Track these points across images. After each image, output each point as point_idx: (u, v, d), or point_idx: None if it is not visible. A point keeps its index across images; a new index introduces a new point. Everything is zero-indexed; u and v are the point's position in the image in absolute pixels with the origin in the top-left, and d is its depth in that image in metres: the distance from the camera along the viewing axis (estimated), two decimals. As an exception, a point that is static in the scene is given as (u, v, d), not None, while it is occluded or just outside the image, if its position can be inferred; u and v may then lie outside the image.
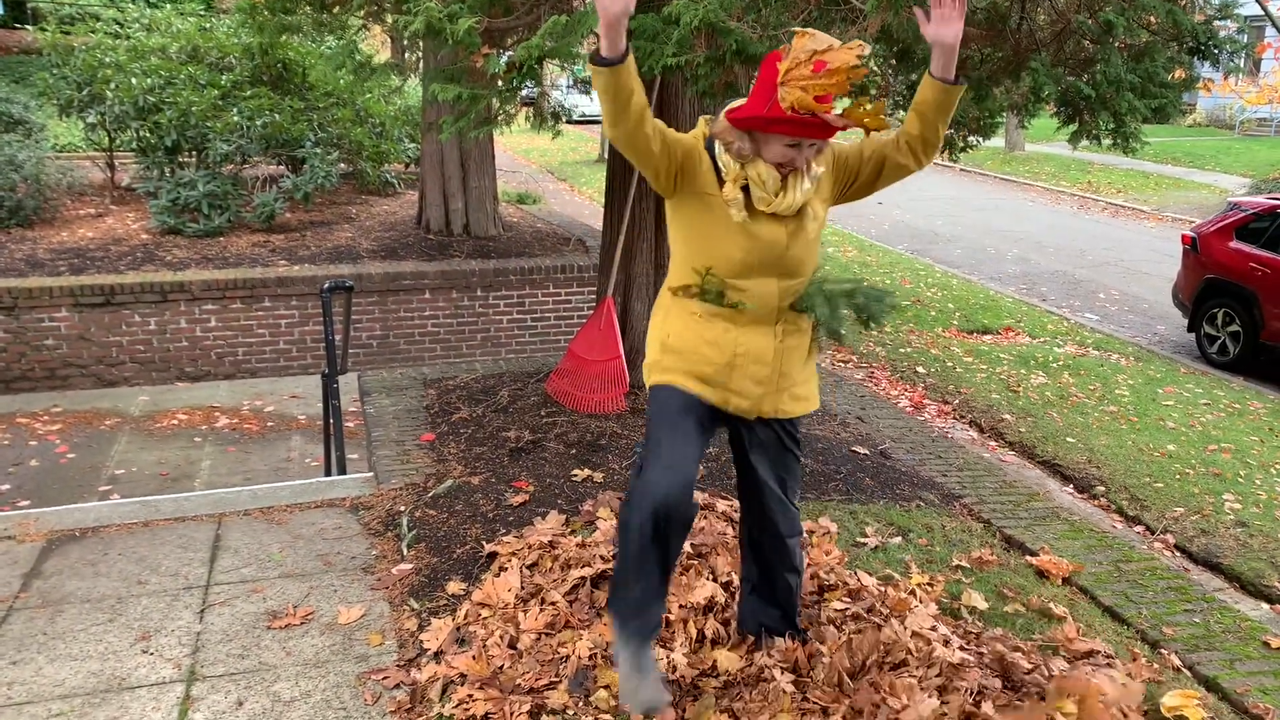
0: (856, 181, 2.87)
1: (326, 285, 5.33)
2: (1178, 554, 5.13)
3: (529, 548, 4.00)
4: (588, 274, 9.23)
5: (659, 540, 2.74)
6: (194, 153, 10.53)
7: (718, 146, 2.71)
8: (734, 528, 4.00)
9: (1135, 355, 9.19)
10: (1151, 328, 10.69)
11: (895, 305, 2.87)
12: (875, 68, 5.25)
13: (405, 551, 4.21)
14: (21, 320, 7.56)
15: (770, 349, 2.83)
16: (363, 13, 4.24)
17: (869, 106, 2.56)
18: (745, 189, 2.70)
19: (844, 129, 2.58)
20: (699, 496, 4.24)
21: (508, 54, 4.41)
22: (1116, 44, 4.58)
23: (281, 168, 11.54)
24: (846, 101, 2.80)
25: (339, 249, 9.61)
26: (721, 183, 2.72)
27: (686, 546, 3.72)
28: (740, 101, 2.68)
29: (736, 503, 3.54)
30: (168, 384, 7.74)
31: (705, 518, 4.17)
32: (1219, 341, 9.36)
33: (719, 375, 2.83)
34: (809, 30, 2.50)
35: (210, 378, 7.98)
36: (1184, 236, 10.05)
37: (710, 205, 2.73)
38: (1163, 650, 3.57)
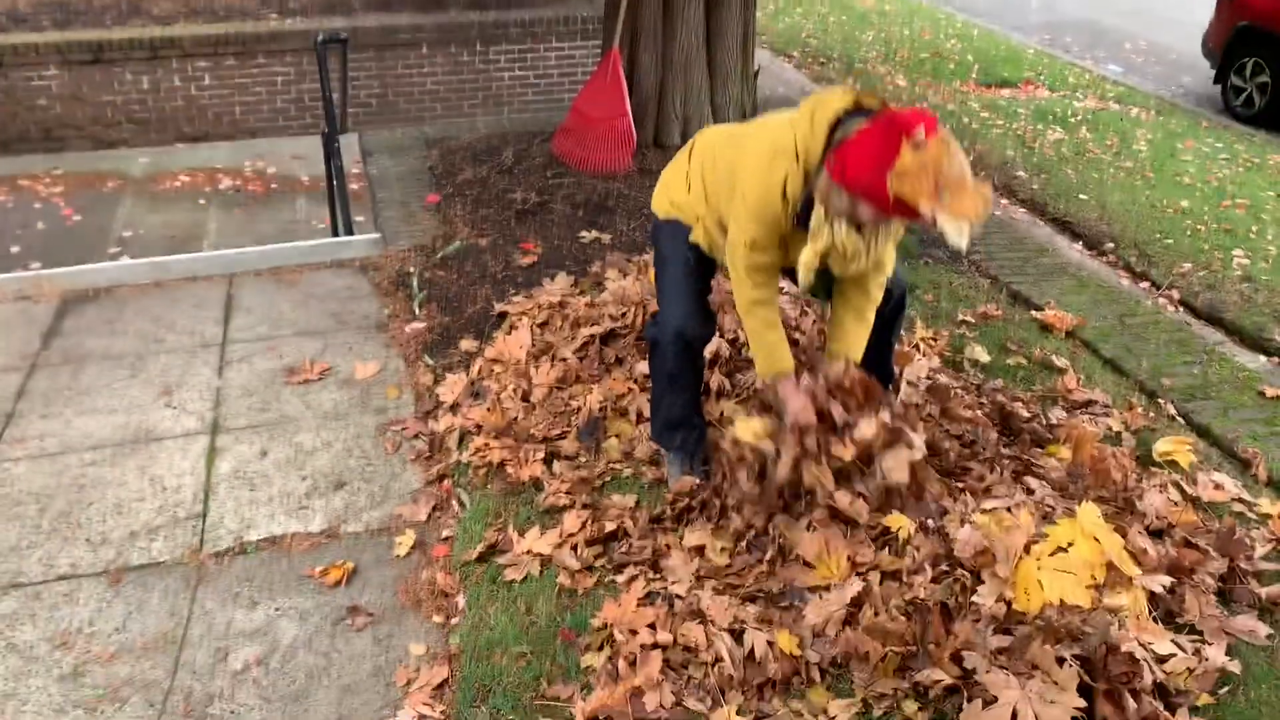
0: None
1: (320, 38, 5.11)
2: (1182, 309, 5.17)
3: (539, 307, 4.04)
4: (592, 25, 8.82)
5: (687, 356, 2.96)
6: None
7: (815, 215, 2.48)
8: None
9: (1157, 108, 8.92)
10: (1177, 79, 10.31)
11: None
12: None
13: (417, 310, 4.27)
14: (10, 78, 7.33)
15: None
16: None
17: None
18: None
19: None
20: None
21: None
22: None
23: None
24: None
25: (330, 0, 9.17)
26: (793, 219, 2.58)
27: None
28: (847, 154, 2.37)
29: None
30: (166, 145, 7.58)
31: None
32: (1245, 93, 9.04)
33: None
34: (951, 141, 2.24)
35: (209, 139, 7.80)
36: (1220, -19, 9.51)
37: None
38: (1160, 400, 3.66)
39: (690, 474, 3.06)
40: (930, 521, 2.69)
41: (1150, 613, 2.51)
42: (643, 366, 3.55)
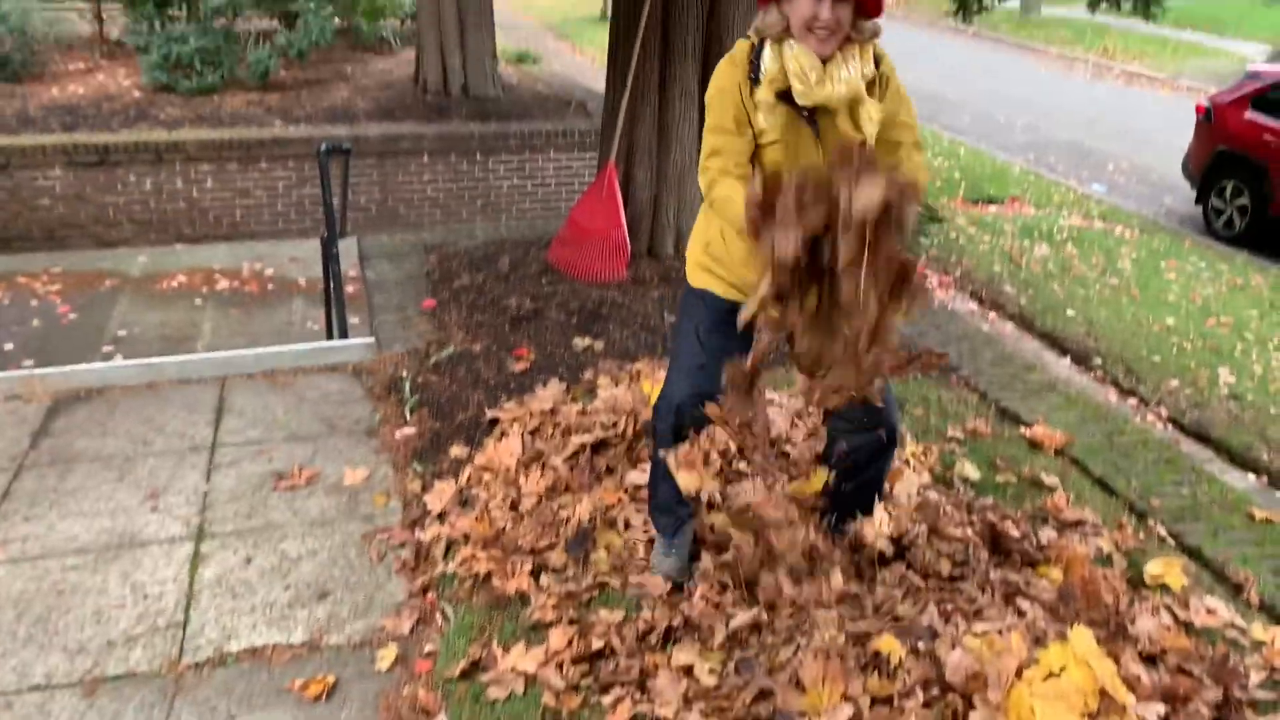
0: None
1: (323, 147, 5.24)
2: (1170, 426, 5.20)
3: (530, 414, 4.05)
4: (589, 138, 9.07)
5: (683, 436, 2.85)
6: (184, 5, 10.21)
7: (766, 50, 2.59)
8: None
9: (1141, 227, 9.11)
10: (1159, 199, 10.56)
11: (935, 218, 2.78)
12: None
13: (408, 416, 4.27)
14: (15, 179, 7.48)
15: None
16: None
17: None
18: (788, 98, 2.58)
19: None
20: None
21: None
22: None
23: (274, 22, 11.20)
24: None
25: (335, 109, 9.42)
26: (750, 81, 2.61)
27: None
28: None
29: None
30: (166, 245, 7.69)
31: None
32: (1226, 215, 9.26)
33: (747, 289, 2.77)
34: None
35: (209, 240, 7.93)
36: (1198, 106, 9.83)
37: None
38: (1149, 520, 3.66)
39: (670, 561, 3.03)
40: (921, 644, 2.65)
41: (1145, 743, 2.46)
42: (634, 476, 3.55)
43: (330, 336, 5.17)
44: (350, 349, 4.90)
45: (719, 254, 2.85)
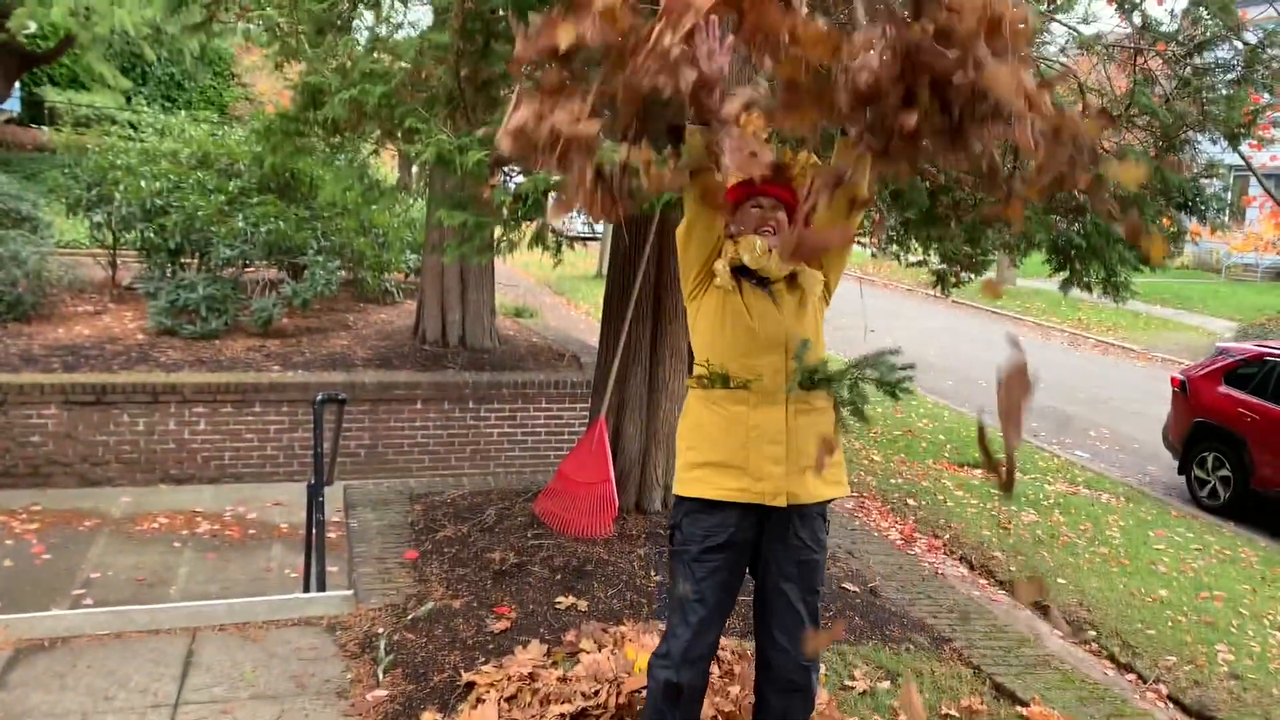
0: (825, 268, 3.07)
1: (320, 397, 5.32)
2: (1170, 705, 5.02)
3: (508, 679, 3.90)
4: (581, 390, 9.25)
5: (671, 707, 2.93)
6: (197, 255, 10.64)
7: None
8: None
9: (1126, 495, 9.16)
10: (1142, 467, 10.68)
11: (909, 372, 2.88)
12: (877, 205, 5.38)
13: (381, 677, 4.10)
14: (9, 416, 7.52)
15: (782, 427, 2.89)
16: (374, 138, 4.34)
17: (795, 156, 2.84)
18: (743, 272, 2.93)
19: (785, 175, 2.83)
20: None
21: (514, 180, 4.51)
22: (1107, 195, 4.69)
23: (282, 273, 11.65)
24: None
25: (334, 356, 9.63)
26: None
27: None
28: None
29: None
30: (151, 485, 7.66)
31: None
32: (1209, 485, 9.35)
33: (736, 458, 2.91)
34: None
35: (195, 481, 7.90)
36: (1173, 379, 10.14)
37: (720, 296, 2.95)
38: (1157, 814, 3.46)
39: None
40: None
41: None
42: (614, 753, 3.38)
43: (308, 588, 5.06)
44: (325, 601, 4.78)
45: (696, 436, 3.00)
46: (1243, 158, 5.69)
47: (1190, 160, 5.43)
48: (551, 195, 3.73)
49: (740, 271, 2.95)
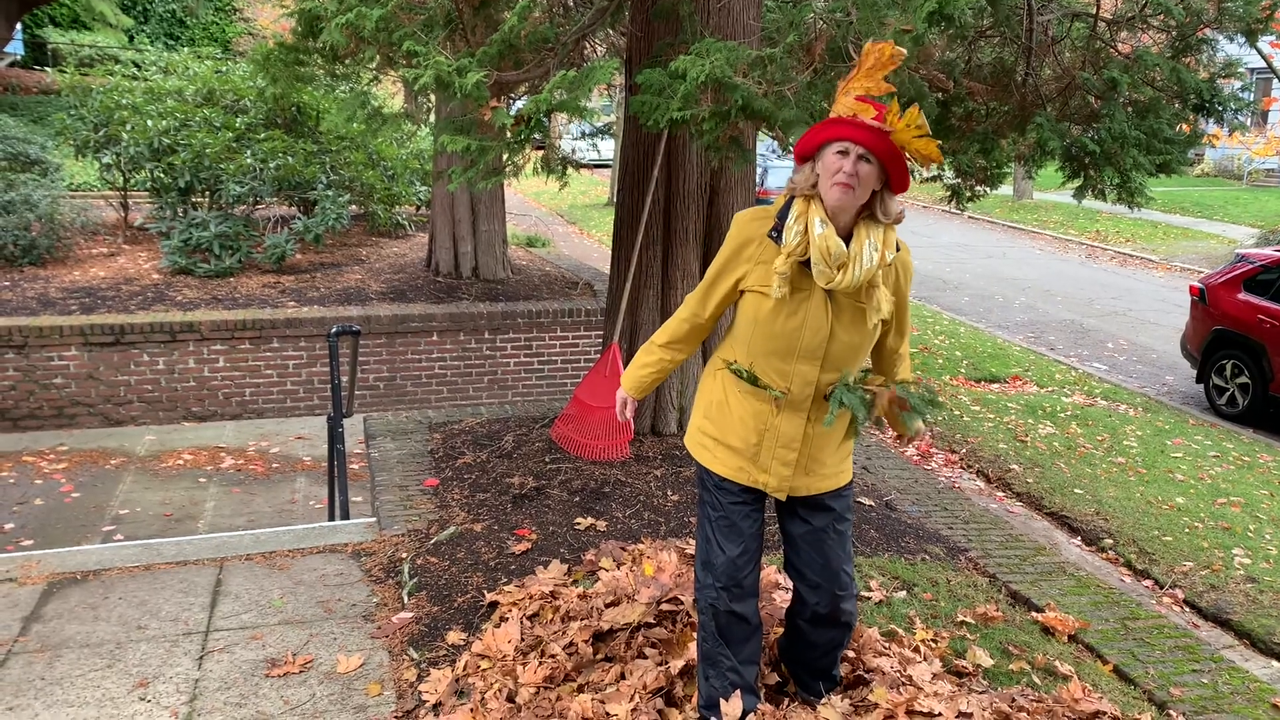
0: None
1: (334, 330, 5.35)
2: (1186, 609, 5.08)
3: (530, 598, 3.97)
4: (595, 318, 9.26)
5: (722, 633, 2.99)
6: (207, 194, 10.63)
7: (791, 214, 2.69)
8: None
9: (1144, 405, 9.15)
10: (1160, 378, 10.65)
11: (935, 402, 2.83)
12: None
13: (406, 600, 4.19)
14: (31, 359, 7.60)
15: (800, 434, 2.87)
16: (374, 65, 4.30)
17: (904, 114, 2.53)
18: (807, 265, 2.69)
19: (882, 131, 2.54)
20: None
21: (517, 104, 4.46)
22: (1121, 100, 4.61)
23: (293, 209, 11.64)
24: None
25: (348, 290, 9.67)
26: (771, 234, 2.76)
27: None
28: None
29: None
30: (174, 424, 7.76)
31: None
32: (1228, 393, 9.32)
33: (747, 450, 2.92)
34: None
35: (217, 418, 8.00)
36: (1192, 288, 10.05)
37: (765, 298, 2.77)
38: (1170, 711, 3.52)
39: None
40: None
41: None
42: (636, 664, 3.45)
43: (332, 517, 5.14)
44: (350, 530, 4.86)
45: (716, 416, 2.96)
46: (1262, 56, 5.56)
47: (1208, 61, 5.31)
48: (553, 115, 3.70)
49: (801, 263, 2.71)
